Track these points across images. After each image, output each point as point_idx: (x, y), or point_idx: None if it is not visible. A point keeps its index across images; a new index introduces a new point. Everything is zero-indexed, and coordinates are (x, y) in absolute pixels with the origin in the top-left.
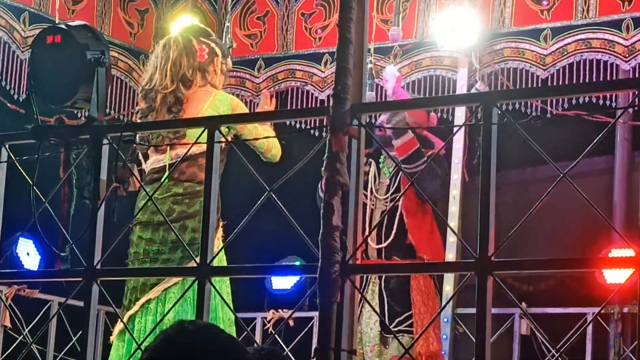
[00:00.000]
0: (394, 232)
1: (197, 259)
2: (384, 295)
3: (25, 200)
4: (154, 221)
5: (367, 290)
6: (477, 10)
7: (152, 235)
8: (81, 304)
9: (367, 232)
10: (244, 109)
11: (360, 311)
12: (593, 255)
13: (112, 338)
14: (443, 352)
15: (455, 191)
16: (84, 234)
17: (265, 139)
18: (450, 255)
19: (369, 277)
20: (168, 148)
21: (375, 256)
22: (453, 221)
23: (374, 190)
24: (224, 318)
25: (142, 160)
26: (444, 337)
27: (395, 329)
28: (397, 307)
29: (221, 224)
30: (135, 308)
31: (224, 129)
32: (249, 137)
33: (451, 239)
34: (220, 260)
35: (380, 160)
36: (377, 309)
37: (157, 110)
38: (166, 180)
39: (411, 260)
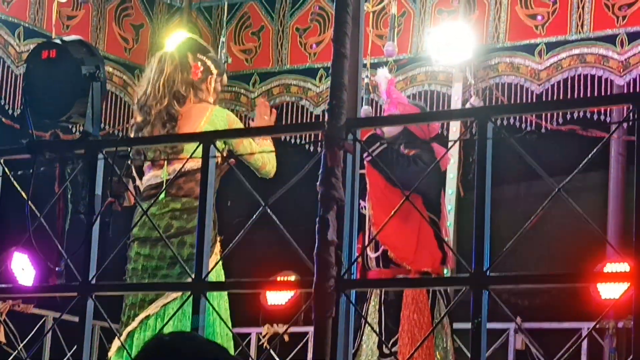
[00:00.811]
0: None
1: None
2: (382, 310)
3: (20, 215)
4: (151, 237)
5: (369, 302)
6: (472, 26)
7: (151, 251)
8: (76, 319)
9: (366, 241)
10: (239, 125)
11: (364, 324)
12: (588, 270)
13: (110, 354)
14: None
15: (450, 206)
16: (79, 249)
17: (261, 154)
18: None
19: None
20: (165, 164)
21: (374, 265)
22: (448, 236)
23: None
24: (221, 333)
25: (136, 177)
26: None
27: (389, 352)
28: (392, 325)
29: (219, 239)
30: (134, 324)
31: (219, 144)
32: (244, 153)
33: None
34: (219, 276)
35: None
36: (377, 322)
37: (153, 124)
38: (163, 196)
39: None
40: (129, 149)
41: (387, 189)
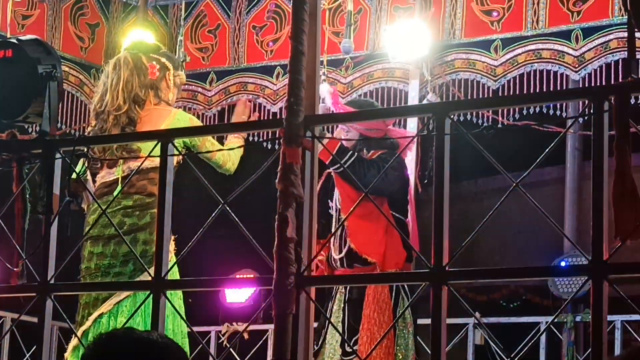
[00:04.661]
0: (346, 238)
1: (151, 272)
2: (346, 308)
3: None
4: (104, 235)
5: (334, 300)
6: (428, 22)
7: (103, 249)
8: (34, 319)
9: (331, 243)
10: None
11: (327, 324)
12: (546, 264)
13: (66, 355)
14: None
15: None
16: (37, 248)
17: (221, 152)
18: None
19: (337, 287)
20: (120, 161)
21: (339, 266)
22: (416, 232)
23: (337, 200)
24: (175, 330)
25: (90, 179)
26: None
27: (351, 350)
28: (354, 324)
29: (172, 237)
30: (88, 323)
31: (178, 143)
32: (207, 151)
33: None
34: (173, 273)
35: None
36: (341, 321)
37: (109, 131)
38: (116, 194)
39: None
40: (86, 149)
41: (358, 198)
